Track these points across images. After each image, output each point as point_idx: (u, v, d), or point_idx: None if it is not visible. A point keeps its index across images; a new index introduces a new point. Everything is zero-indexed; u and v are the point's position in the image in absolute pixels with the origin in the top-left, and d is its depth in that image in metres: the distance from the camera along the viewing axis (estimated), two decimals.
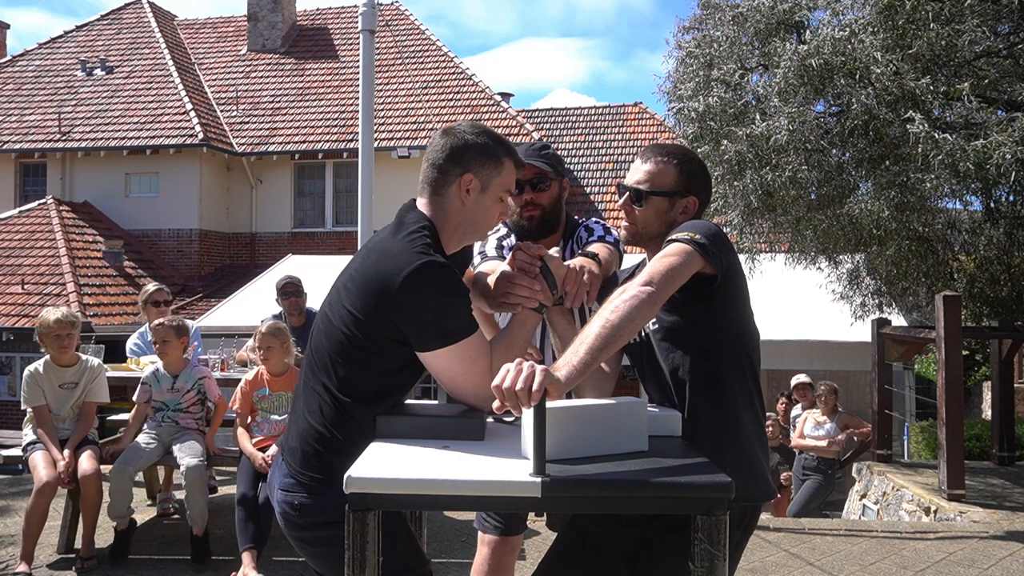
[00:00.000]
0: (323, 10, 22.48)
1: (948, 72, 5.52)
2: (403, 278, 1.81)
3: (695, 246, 1.91)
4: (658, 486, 1.60)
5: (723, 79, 6.13)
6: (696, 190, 2.15)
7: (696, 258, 1.90)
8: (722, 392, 2.00)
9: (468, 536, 4.66)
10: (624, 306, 1.78)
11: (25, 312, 14.56)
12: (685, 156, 2.18)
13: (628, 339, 1.84)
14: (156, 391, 4.41)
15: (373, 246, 1.98)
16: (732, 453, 1.96)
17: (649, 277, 1.84)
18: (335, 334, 1.92)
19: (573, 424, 1.71)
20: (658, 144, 2.21)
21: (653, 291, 1.82)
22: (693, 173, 2.14)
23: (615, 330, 1.75)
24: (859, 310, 7.84)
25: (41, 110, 19.29)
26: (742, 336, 2.07)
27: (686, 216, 2.13)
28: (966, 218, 7.06)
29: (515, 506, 1.67)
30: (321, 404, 1.93)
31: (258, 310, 8.28)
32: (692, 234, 1.93)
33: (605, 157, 19.71)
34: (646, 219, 2.13)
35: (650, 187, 2.12)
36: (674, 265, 1.88)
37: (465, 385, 1.91)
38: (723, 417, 1.99)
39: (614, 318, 1.76)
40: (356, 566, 1.59)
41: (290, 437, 2.00)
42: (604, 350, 1.73)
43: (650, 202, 2.12)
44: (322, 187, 18.71)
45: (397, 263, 1.84)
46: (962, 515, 5.45)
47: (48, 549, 4.30)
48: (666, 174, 2.12)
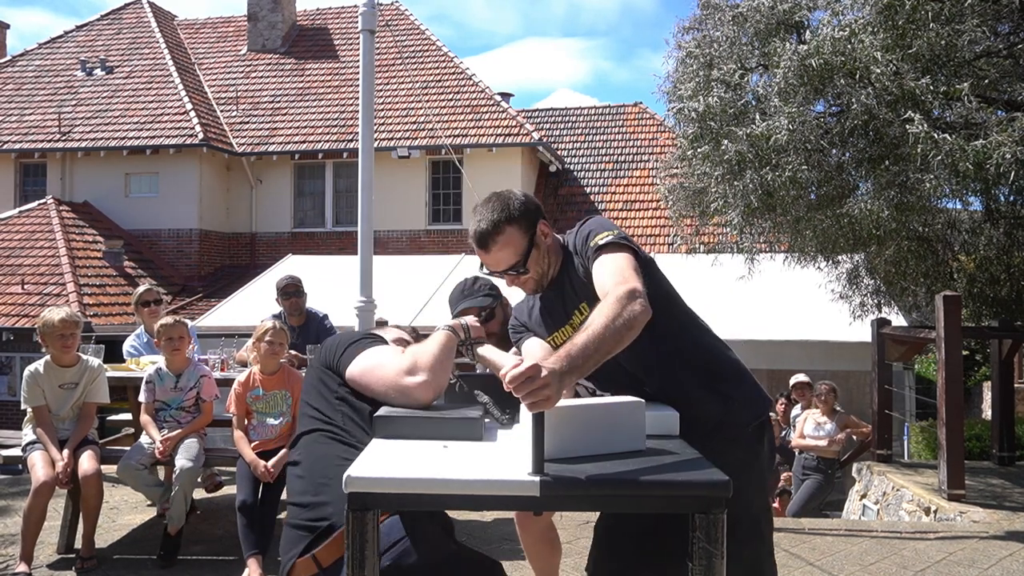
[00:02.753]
0: (323, 10, 22.48)
1: (948, 72, 5.52)
2: (333, 339, 2.28)
3: (626, 242, 2.07)
4: (656, 485, 1.61)
5: (723, 79, 6.13)
6: (534, 216, 2.19)
7: (625, 249, 2.06)
8: (684, 346, 2.17)
9: (468, 536, 4.66)
10: (622, 312, 1.84)
11: (25, 312, 14.57)
12: (500, 208, 2.16)
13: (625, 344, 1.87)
14: (159, 389, 4.42)
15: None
16: (727, 387, 2.17)
17: (624, 280, 1.93)
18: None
19: (571, 424, 1.71)
20: (476, 220, 2.19)
21: (641, 290, 1.91)
22: (521, 213, 2.16)
23: (616, 333, 1.80)
24: (858, 310, 7.84)
25: (41, 110, 19.30)
26: (666, 297, 2.20)
27: (552, 238, 2.23)
28: (966, 218, 7.06)
29: (514, 505, 1.67)
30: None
31: (258, 310, 8.28)
32: (610, 232, 2.08)
33: (605, 157, 19.72)
34: (536, 270, 2.20)
35: (513, 259, 2.16)
36: (633, 264, 2.01)
37: (383, 387, 2.05)
38: (698, 363, 2.17)
39: (614, 323, 1.81)
40: (355, 566, 1.59)
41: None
42: (600, 356, 1.77)
43: (527, 265, 2.18)
44: (322, 187, 18.71)
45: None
46: (962, 515, 5.44)
47: (48, 549, 4.30)
48: (510, 241, 2.15)
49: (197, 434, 4.39)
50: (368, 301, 6.38)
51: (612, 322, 1.80)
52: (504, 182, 17.53)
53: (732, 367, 2.25)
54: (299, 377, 4.26)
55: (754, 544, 2.15)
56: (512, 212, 2.15)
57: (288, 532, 2.03)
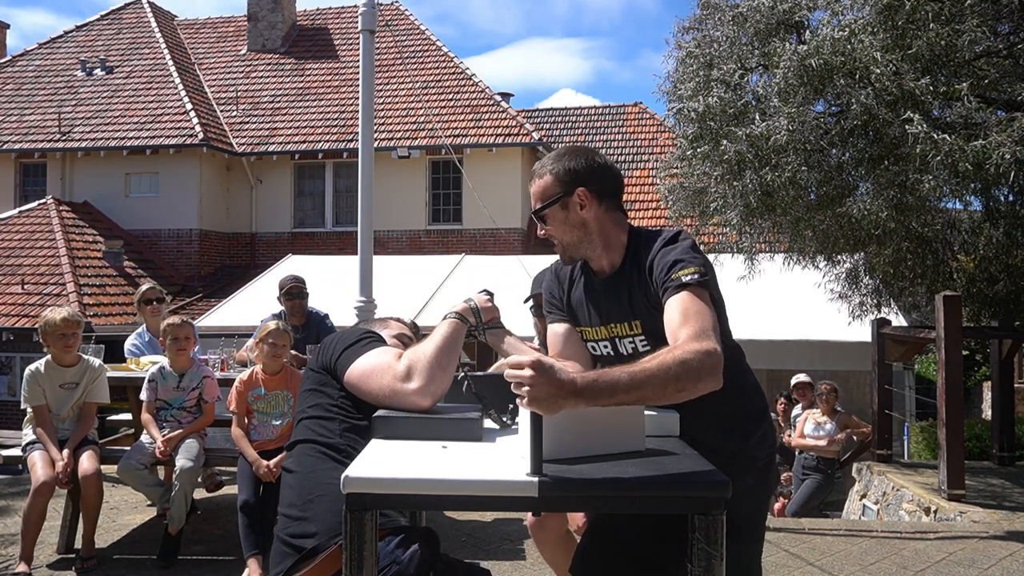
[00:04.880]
0: (323, 10, 22.49)
1: (948, 72, 5.51)
2: (330, 338, 2.24)
3: (704, 284, 1.93)
4: (655, 486, 1.60)
5: (723, 79, 6.13)
6: (580, 181, 2.09)
7: (705, 293, 1.93)
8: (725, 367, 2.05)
9: (469, 536, 4.66)
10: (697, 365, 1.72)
11: (25, 312, 14.57)
12: (559, 156, 2.15)
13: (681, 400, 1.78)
14: (162, 389, 4.42)
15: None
16: (752, 414, 2.16)
17: (704, 338, 1.79)
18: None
19: (570, 424, 1.71)
20: (539, 163, 2.19)
21: (719, 358, 1.77)
22: (568, 169, 2.10)
23: (662, 389, 1.69)
24: (857, 309, 7.84)
25: (41, 110, 19.30)
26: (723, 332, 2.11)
27: (589, 212, 2.09)
28: (965, 218, 7.05)
29: (513, 506, 1.67)
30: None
31: (258, 310, 8.27)
32: (699, 269, 1.93)
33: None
34: (558, 233, 2.12)
35: (537, 202, 2.12)
36: (713, 319, 1.87)
37: (381, 396, 2.00)
38: (732, 387, 2.01)
39: (666, 376, 1.68)
40: (354, 566, 1.59)
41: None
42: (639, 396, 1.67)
43: (548, 218, 2.11)
44: (322, 187, 18.72)
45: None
46: (962, 515, 5.44)
47: (48, 549, 4.30)
48: (543, 186, 2.11)
49: (197, 434, 4.39)
50: (368, 301, 6.38)
51: (665, 372, 1.66)
52: (504, 182, 17.58)
53: (760, 407, 2.22)
54: (301, 378, 4.26)
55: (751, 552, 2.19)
56: (561, 164, 2.11)
57: (276, 545, 2.02)
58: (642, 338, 2.10)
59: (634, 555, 2.05)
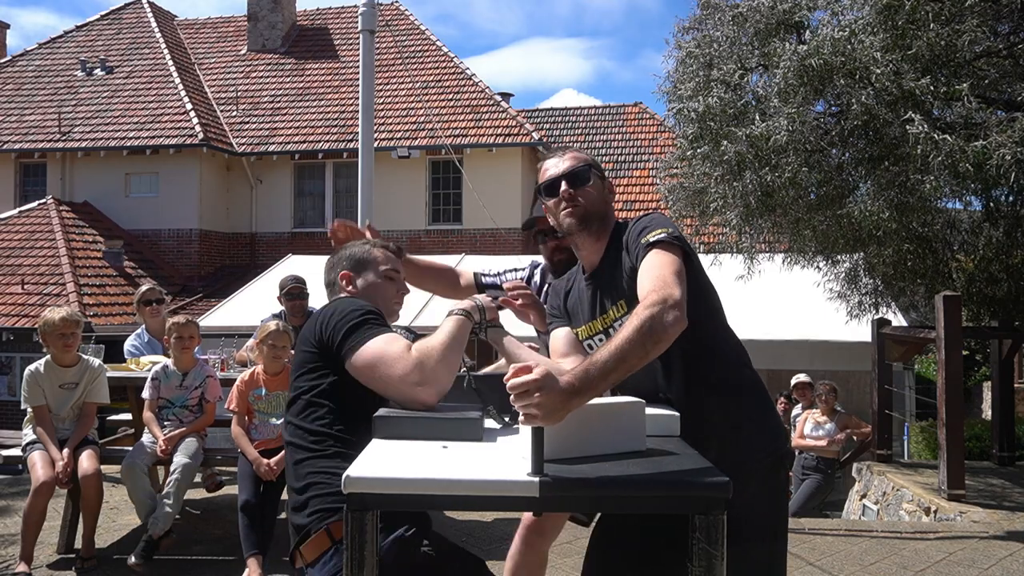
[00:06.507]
0: (323, 10, 22.48)
1: (948, 72, 5.51)
2: (326, 313, 2.17)
3: (679, 244, 1.98)
4: (656, 486, 1.60)
5: (723, 79, 6.13)
6: (605, 180, 2.25)
7: (678, 250, 1.97)
8: (719, 363, 2.09)
9: (469, 536, 4.66)
10: (649, 324, 1.75)
11: (25, 312, 14.56)
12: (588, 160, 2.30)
13: (653, 357, 1.80)
14: (164, 387, 4.42)
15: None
16: (752, 414, 2.09)
17: (663, 287, 1.84)
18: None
19: (571, 424, 1.70)
20: (562, 147, 2.34)
21: (678, 300, 1.82)
22: (600, 169, 2.26)
23: (640, 345, 1.73)
24: (856, 309, 7.84)
25: (41, 110, 19.30)
26: (710, 309, 2.12)
27: (611, 200, 2.23)
28: (965, 218, 7.06)
29: (513, 506, 1.67)
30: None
31: (258, 310, 8.27)
32: (665, 230, 1.99)
33: (605, 157, 19.71)
34: (590, 198, 2.17)
35: (584, 165, 2.20)
36: (678, 267, 1.92)
37: (388, 387, 2.02)
38: (729, 385, 2.08)
39: (639, 334, 1.73)
40: (355, 566, 1.59)
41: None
42: (622, 370, 1.71)
43: (590, 180, 2.18)
44: (322, 187, 18.71)
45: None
46: (962, 515, 5.44)
47: (48, 549, 4.30)
48: (587, 161, 2.22)
49: (197, 434, 4.39)
50: None
51: (637, 333, 1.72)
52: (504, 182, 17.59)
53: (759, 404, 2.16)
54: None
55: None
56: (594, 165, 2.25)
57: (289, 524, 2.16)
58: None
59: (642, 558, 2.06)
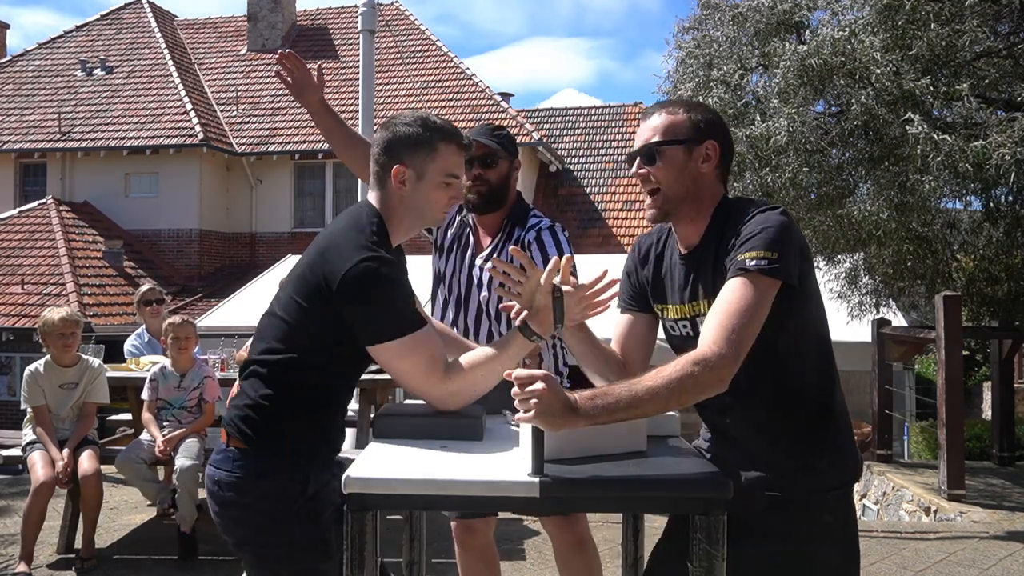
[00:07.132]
0: (323, 10, 22.47)
1: (948, 72, 5.51)
2: (346, 279, 1.83)
3: (776, 275, 1.70)
4: (656, 486, 1.60)
5: (723, 79, 6.13)
6: (714, 135, 1.87)
7: (772, 284, 1.70)
8: (799, 405, 1.86)
9: None
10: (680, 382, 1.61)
11: (25, 312, 14.55)
12: (692, 103, 1.95)
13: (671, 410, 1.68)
14: (163, 388, 4.42)
15: (325, 239, 1.99)
16: (823, 450, 1.85)
17: (721, 340, 1.64)
18: (278, 321, 1.98)
19: None
20: (660, 102, 1.96)
21: (728, 360, 1.63)
22: (707, 119, 1.88)
23: (662, 402, 1.62)
24: (856, 309, 7.84)
25: (41, 110, 19.29)
26: (805, 345, 1.90)
27: (710, 165, 1.87)
28: (965, 218, 7.06)
29: (514, 507, 1.67)
30: (257, 372, 1.96)
31: (258, 310, 8.25)
32: (768, 254, 1.69)
33: (605, 157, 19.71)
34: (667, 179, 1.85)
35: (660, 138, 1.86)
36: (756, 311, 1.68)
37: (412, 381, 1.91)
38: (805, 429, 1.86)
39: (665, 390, 1.61)
40: (355, 566, 1.59)
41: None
42: (631, 412, 1.62)
43: (664, 156, 1.85)
44: (322, 187, 18.70)
45: (341, 261, 1.86)
46: (962, 515, 5.44)
47: (48, 549, 4.30)
48: (674, 123, 1.86)
49: (197, 434, 4.39)
50: None
51: (666, 388, 1.60)
52: None
53: (836, 429, 1.91)
54: None
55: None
56: (698, 111, 1.89)
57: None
58: None
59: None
